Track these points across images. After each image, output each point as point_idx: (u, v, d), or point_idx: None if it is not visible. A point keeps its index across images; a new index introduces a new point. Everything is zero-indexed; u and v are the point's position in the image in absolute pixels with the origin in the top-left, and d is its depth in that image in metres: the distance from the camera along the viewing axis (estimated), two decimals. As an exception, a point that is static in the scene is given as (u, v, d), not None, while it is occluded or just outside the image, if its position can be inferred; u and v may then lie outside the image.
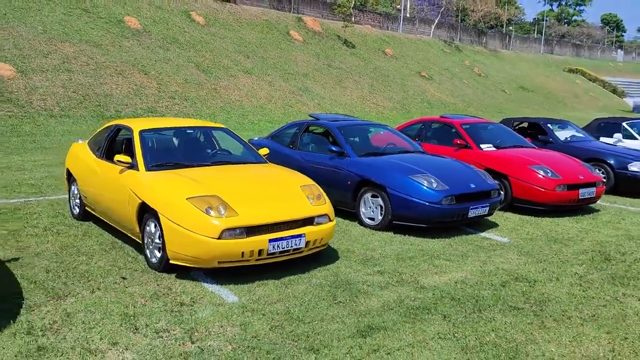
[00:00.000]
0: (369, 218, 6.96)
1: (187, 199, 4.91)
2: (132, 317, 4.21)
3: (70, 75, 17.88)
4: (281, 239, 4.94)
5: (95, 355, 3.63)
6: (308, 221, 5.21)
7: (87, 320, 4.13)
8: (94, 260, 5.49)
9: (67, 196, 8.15)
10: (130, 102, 18.06)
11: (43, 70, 17.45)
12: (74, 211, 7.06)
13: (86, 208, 6.79)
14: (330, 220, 5.43)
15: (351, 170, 7.12)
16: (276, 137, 8.68)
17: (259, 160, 6.34)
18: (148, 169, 5.57)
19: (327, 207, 5.44)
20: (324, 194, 5.64)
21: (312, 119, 8.42)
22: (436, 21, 47.93)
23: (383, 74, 32.88)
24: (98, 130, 7.04)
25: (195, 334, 3.98)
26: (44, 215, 7.12)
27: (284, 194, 5.35)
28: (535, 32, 67.33)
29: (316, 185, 5.74)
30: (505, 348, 3.72)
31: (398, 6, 48.32)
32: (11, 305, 4.33)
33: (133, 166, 5.65)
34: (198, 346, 3.78)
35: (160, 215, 4.98)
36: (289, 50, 29.57)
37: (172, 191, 5.05)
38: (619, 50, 72.36)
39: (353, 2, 37.10)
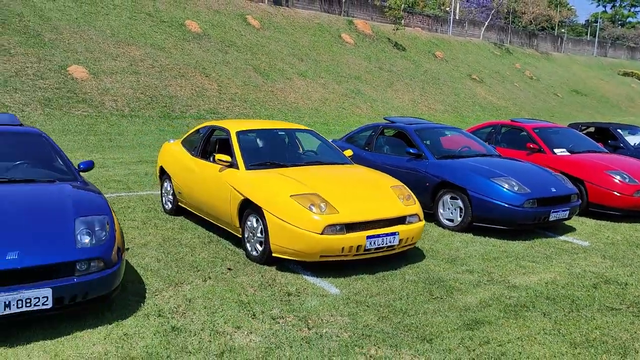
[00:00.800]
0: (448, 219, 7.15)
1: (290, 196, 5.24)
2: (247, 305, 4.55)
3: (138, 77, 18.67)
4: (377, 236, 5.21)
5: (224, 337, 3.98)
6: (401, 220, 5.46)
7: (208, 305, 4.50)
8: (196, 251, 5.89)
9: (155, 192, 8.68)
10: (194, 104, 18.72)
11: (113, 72, 18.28)
12: (166, 206, 7.51)
13: (179, 204, 7.23)
14: (420, 220, 5.66)
15: (430, 172, 7.33)
16: (351, 139, 8.96)
17: (345, 161, 6.63)
18: (248, 167, 5.93)
19: (417, 207, 5.68)
20: (413, 194, 5.88)
21: (386, 122, 8.66)
22: (486, 23, 47.37)
23: (434, 77, 32.82)
24: (191, 131, 7.48)
25: (309, 321, 4.28)
26: (138, 209, 7.60)
27: (377, 194, 5.62)
28: (588, 34, 65.55)
29: (405, 186, 5.99)
30: (614, 345, 3.89)
31: (447, 8, 48.00)
32: (135, 289, 4.74)
33: (232, 165, 6.03)
34: (315, 332, 4.08)
35: (264, 211, 5.32)
36: (341, 53, 29.90)
37: (275, 189, 5.39)
38: (677, 53, 69.62)
39: (403, 5, 37.15)
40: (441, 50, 38.01)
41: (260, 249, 5.50)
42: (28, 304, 3.64)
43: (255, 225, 5.56)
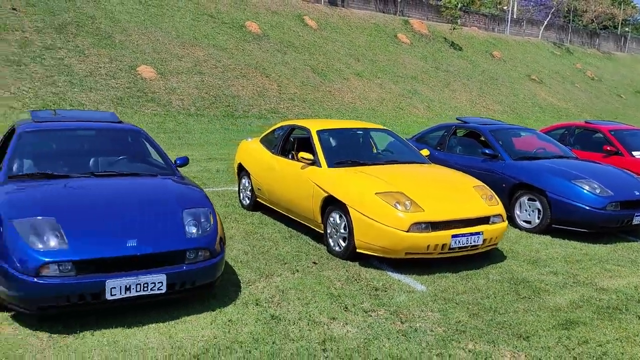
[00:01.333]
0: (525, 221, 7.11)
1: (375, 194, 5.36)
2: (338, 297, 4.71)
3: (202, 77, 19.24)
4: (462, 235, 5.27)
5: (322, 327, 4.14)
6: (484, 220, 5.50)
7: (301, 297, 4.68)
8: (280, 245, 6.10)
9: (230, 188, 8.99)
10: (255, 103, 19.13)
11: (179, 73, 18.91)
12: (244, 202, 7.78)
13: (257, 199, 7.48)
14: (503, 221, 5.68)
15: (506, 173, 7.30)
16: (421, 139, 9.02)
17: (423, 160, 6.71)
18: (330, 165, 6.09)
19: (500, 207, 5.70)
20: (495, 195, 5.90)
21: (459, 122, 8.66)
22: (545, 22, 46.11)
23: (491, 77, 32.26)
24: (270, 129, 7.72)
25: (401, 315, 4.40)
26: (216, 204, 7.89)
27: (460, 193, 5.68)
28: (654, 33, 62.70)
29: (486, 186, 6.01)
30: None
31: (505, 7, 46.98)
32: (231, 280, 4.97)
33: (315, 163, 6.20)
34: (409, 326, 4.19)
35: (349, 208, 5.47)
36: (397, 52, 29.81)
37: (360, 187, 5.53)
38: None
39: (459, 4, 36.67)
40: (498, 50, 37.29)
41: (343, 244, 5.66)
42: (145, 289, 3.91)
43: (338, 221, 5.71)
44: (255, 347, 3.77)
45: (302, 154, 6.24)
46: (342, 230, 5.64)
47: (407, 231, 5.12)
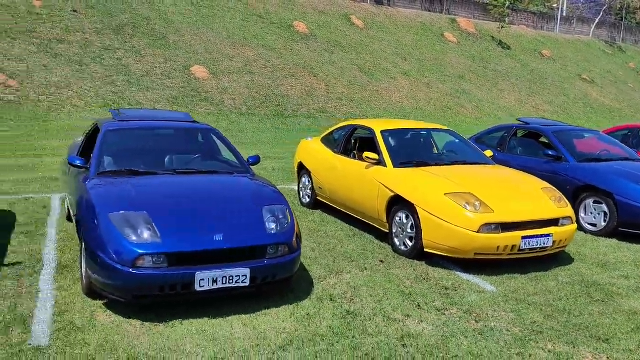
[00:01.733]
0: (590, 224, 7.03)
1: (445, 194, 5.42)
2: (409, 295, 4.80)
3: (252, 77, 19.58)
4: (532, 237, 5.27)
5: (398, 323, 4.24)
6: (554, 222, 5.48)
7: (373, 294, 4.79)
8: (344, 244, 6.23)
9: (286, 186, 9.17)
10: (304, 103, 19.35)
11: (230, 72, 19.30)
12: (304, 200, 7.94)
13: (318, 198, 7.62)
14: (573, 223, 5.64)
15: (570, 175, 7.22)
16: (480, 140, 8.98)
17: (488, 161, 6.71)
18: (395, 165, 6.18)
19: (569, 209, 5.67)
20: (564, 197, 5.87)
21: (520, 122, 8.60)
22: (597, 20, 44.77)
23: (541, 77, 31.61)
24: (331, 129, 7.86)
25: (474, 314, 4.46)
26: (277, 202, 8.08)
27: (529, 195, 5.68)
28: None
29: (554, 188, 5.98)
30: None
31: (555, 5, 45.84)
32: (303, 275, 5.12)
33: (380, 163, 6.30)
34: (484, 325, 4.25)
35: (417, 208, 5.55)
36: (444, 51, 29.57)
37: (429, 187, 5.59)
38: None
39: (507, 2, 36.03)
40: (548, 49, 36.47)
41: (410, 244, 5.73)
42: (230, 281, 4.09)
43: (404, 221, 5.79)
44: (336, 341, 3.90)
45: (367, 154, 6.35)
46: (409, 230, 5.72)
47: (477, 232, 5.16)
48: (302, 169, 8.08)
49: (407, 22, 31.20)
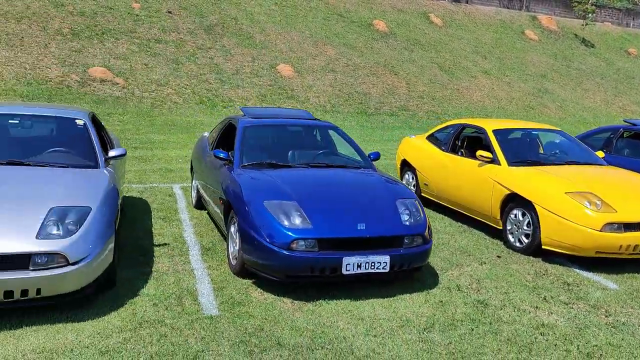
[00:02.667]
0: None
1: (565, 193, 5.56)
2: (533, 289, 4.99)
3: (335, 76, 20.00)
4: (655, 237, 5.32)
5: (528, 314, 4.46)
6: (677, 223, 5.50)
7: (497, 286, 5.02)
8: (457, 239, 6.46)
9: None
10: (386, 101, 19.58)
11: (313, 71, 19.80)
12: (407, 196, 8.21)
13: (422, 194, 7.88)
14: (695, 225, 5.63)
15: (685, 178, 7.11)
16: (583, 141, 8.92)
17: (601, 162, 6.75)
18: (510, 164, 6.35)
19: (693, 211, 5.66)
20: (686, 199, 5.85)
21: (627, 124, 8.51)
22: (690, 15, 42.18)
23: (628, 76, 30.26)
24: (437, 128, 8.09)
25: (602, 309, 4.60)
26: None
27: (650, 196, 5.71)
28: None
29: (675, 190, 5.97)
30: None
31: (642, 0, 43.58)
32: (424, 266, 5.41)
33: (493, 161, 6.48)
34: (615, 319, 4.40)
35: (536, 206, 5.71)
36: (525, 50, 28.90)
37: (549, 186, 5.74)
38: None
39: (592, -2, 34.70)
40: (634, 47, 34.81)
41: (526, 240, 5.90)
42: (372, 267, 4.45)
43: (520, 218, 5.97)
44: (475, 326, 4.17)
45: (480, 152, 6.55)
46: (525, 227, 5.90)
47: (600, 230, 5.27)
48: (406, 166, 8.35)
49: (485, 20, 30.71)
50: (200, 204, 7.02)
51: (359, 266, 4.41)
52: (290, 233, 4.37)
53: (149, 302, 4.29)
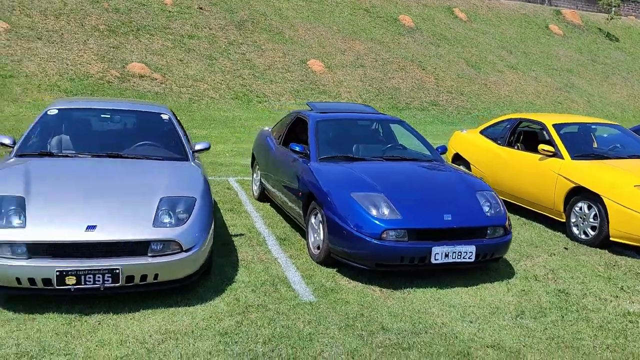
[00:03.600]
0: None
1: (635, 186, 5.67)
2: (608, 279, 5.12)
3: (364, 70, 20.13)
4: None
5: (610, 302, 4.59)
6: None
7: (573, 276, 5.15)
8: (519, 231, 6.59)
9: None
10: (416, 96, 19.68)
11: (343, 66, 19.95)
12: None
13: (476, 188, 8.00)
14: None
15: None
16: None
17: (659, 156, 6.84)
18: (573, 157, 6.46)
19: None
20: None
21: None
22: None
23: (654, 70, 30.05)
24: (490, 123, 8.21)
25: (681, 299, 4.73)
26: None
27: None
28: None
29: None
30: None
31: (666, -7, 43.09)
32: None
33: (555, 155, 6.60)
34: (697, 309, 4.52)
35: (604, 199, 5.83)
36: (550, 44, 28.80)
37: (617, 179, 5.85)
38: None
39: (616, -9, 34.42)
40: (660, 41, 34.51)
41: (592, 233, 6.03)
42: (459, 257, 4.60)
43: (587, 211, 6.09)
44: (564, 313, 4.32)
45: (542, 146, 6.66)
46: (592, 220, 6.02)
47: (670, 222, 5.38)
48: (458, 160, 8.48)
49: (509, 14, 30.62)
50: (263, 196, 7.21)
51: (446, 256, 4.57)
52: (380, 223, 4.53)
53: (246, 289, 4.48)
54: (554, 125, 6.96)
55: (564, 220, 6.46)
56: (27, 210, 3.79)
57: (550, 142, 6.81)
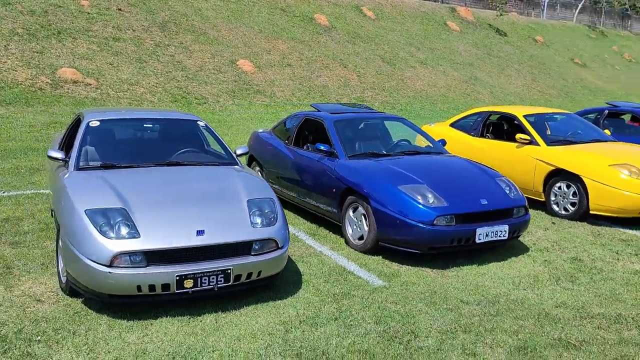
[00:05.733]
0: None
1: (609, 165, 6.68)
2: (602, 246, 6.05)
3: (292, 70, 20.53)
4: (681, 197, 6.57)
5: (616, 264, 5.47)
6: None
7: (573, 246, 6.01)
8: (506, 211, 7.42)
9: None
10: (344, 93, 20.42)
11: (271, 65, 20.21)
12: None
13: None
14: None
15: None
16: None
17: (610, 138, 7.99)
18: (548, 144, 7.40)
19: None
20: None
21: (610, 105, 9.92)
22: (580, 5, 46.83)
23: (539, 62, 33.27)
24: (460, 116, 9.02)
25: (664, 256, 5.74)
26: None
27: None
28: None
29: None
30: None
31: (540, -9, 47.67)
32: (506, 234, 6.30)
33: (532, 142, 7.50)
34: (681, 262, 5.53)
35: (583, 178, 6.79)
36: (450, 40, 30.89)
37: (593, 160, 6.83)
38: None
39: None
40: (540, 35, 38.20)
41: (572, 208, 6.99)
42: (496, 235, 5.26)
43: (566, 190, 7.04)
44: (590, 276, 5.11)
45: (519, 135, 7.55)
46: (571, 197, 6.97)
47: (641, 194, 6.43)
48: (430, 152, 9.21)
49: (411, 12, 32.40)
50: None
51: (487, 235, 5.20)
52: (432, 211, 5.06)
53: (318, 280, 4.81)
54: (525, 116, 7.88)
55: (543, 200, 7.38)
56: (135, 221, 3.87)
57: (524, 131, 7.71)
